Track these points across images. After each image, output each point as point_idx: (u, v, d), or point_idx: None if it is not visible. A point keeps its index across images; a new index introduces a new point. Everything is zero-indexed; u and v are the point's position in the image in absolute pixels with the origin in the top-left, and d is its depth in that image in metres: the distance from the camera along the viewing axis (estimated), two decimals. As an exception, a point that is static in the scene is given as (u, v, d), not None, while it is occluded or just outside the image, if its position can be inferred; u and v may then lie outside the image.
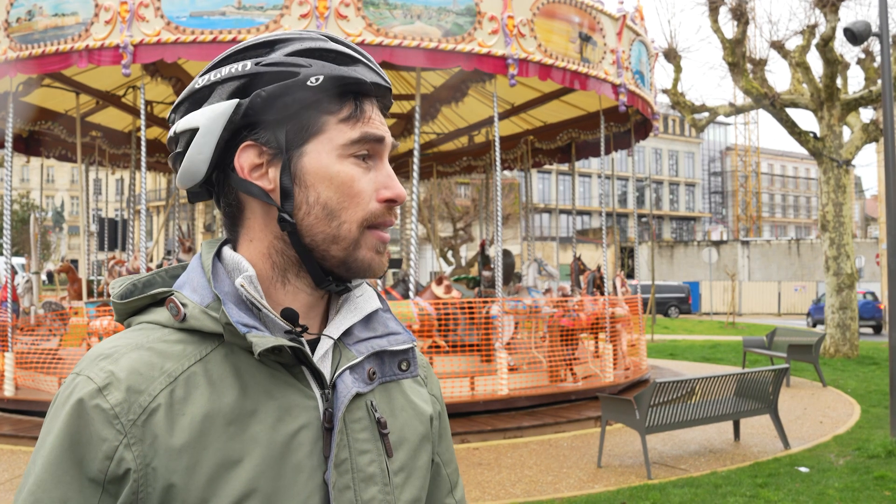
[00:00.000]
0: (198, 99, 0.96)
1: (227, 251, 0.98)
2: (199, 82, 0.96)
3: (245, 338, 0.88)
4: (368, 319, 1.01)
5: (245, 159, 0.94)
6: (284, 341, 0.89)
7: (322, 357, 0.96)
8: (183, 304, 0.91)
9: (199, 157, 0.95)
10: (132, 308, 0.96)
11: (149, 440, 0.84)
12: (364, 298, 1.02)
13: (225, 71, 0.94)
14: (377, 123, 0.98)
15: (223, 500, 0.85)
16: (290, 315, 0.93)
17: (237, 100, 0.93)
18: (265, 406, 0.89)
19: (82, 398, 0.85)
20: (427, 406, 1.07)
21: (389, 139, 0.99)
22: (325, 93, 0.93)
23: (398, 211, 1.05)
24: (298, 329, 0.94)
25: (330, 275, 0.96)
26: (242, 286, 0.92)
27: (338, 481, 0.90)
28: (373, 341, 0.99)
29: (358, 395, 0.95)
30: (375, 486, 0.93)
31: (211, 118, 0.93)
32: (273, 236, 0.96)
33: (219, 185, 0.98)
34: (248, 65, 0.94)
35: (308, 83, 0.92)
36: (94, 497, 0.83)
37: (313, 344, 0.97)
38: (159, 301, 0.95)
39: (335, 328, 0.98)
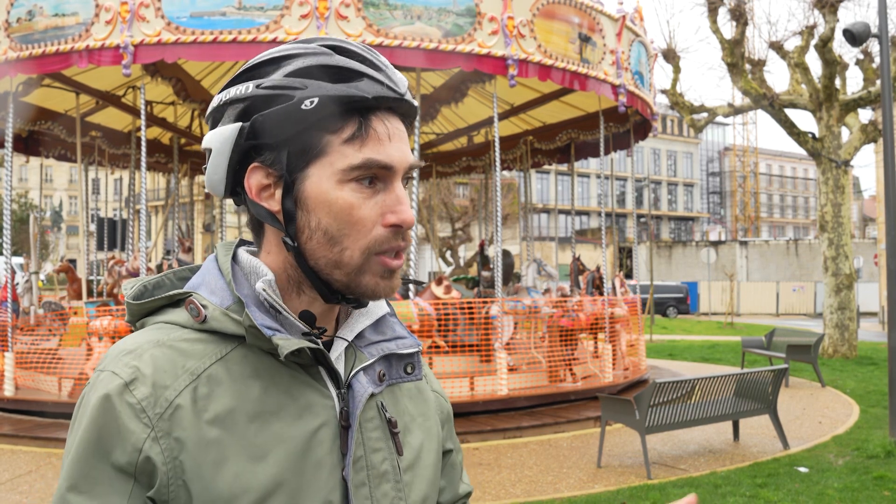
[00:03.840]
0: (216, 117, 0.98)
1: (243, 254, 1.00)
2: (215, 101, 0.98)
3: (270, 340, 0.90)
4: (377, 323, 1.04)
5: (254, 181, 0.95)
6: (307, 343, 0.91)
7: (337, 358, 0.99)
8: (203, 306, 0.93)
9: (214, 176, 0.97)
10: (147, 309, 0.98)
11: (175, 434, 0.86)
12: (374, 303, 1.04)
13: (232, 92, 0.95)
14: (386, 145, 0.94)
15: (251, 494, 0.87)
16: (308, 317, 0.96)
17: (240, 123, 0.93)
18: (286, 405, 0.92)
19: (109, 393, 0.87)
20: (431, 406, 1.11)
21: (404, 161, 0.95)
22: (323, 114, 0.92)
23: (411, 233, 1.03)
24: (317, 331, 0.96)
25: (338, 294, 0.97)
26: (264, 290, 0.93)
27: (354, 478, 0.93)
28: (382, 344, 1.02)
29: (371, 396, 0.98)
30: (388, 483, 0.96)
31: (221, 140, 0.95)
32: (286, 254, 0.97)
33: (242, 199, 0.99)
34: (249, 87, 0.94)
35: (303, 107, 0.91)
36: (127, 486, 0.85)
37: (327, 346, 0.99)
38: (175, 302, 0.97)
39: (349, 331, 1.01)
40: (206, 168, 0.99)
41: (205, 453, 0.86)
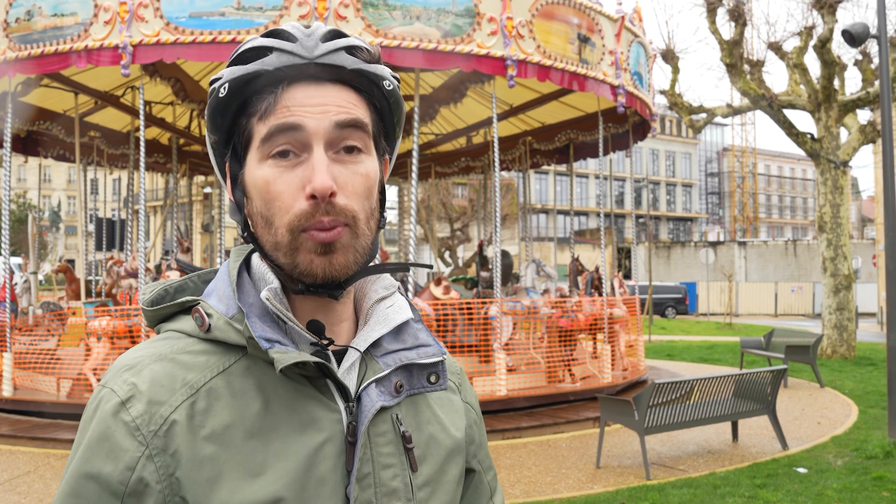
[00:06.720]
0: None
1: (255, 260, 0.97)
2: None
3: (267, 353, 0.87)
4: (399, 331, 0.99)
5: (229, 179, 0.98)
6: (307, 357, 0.87)
7: (348, 369, 0.94)
8: (208, 315, 0.91)
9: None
10: (161, 315, 0.96)
11: (171, 450, 0.84)
12: (394, 309, 1.00)
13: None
14: (295, 109, 0.89)
15: None
16: (316, 327, 0.92)
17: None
18: (288, 420, 0.88)
19: (106, 410, 0.86)
20: (459, 417, 1.04)
21: (317, 123, 0.89)
22: (239, 98, 0.91)
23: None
24: (324, 342, 0.92)
25: (295, 280, 0.92)
26: (268, 299, 0.90)
27: (360, 496, 0.89)
28: (401, 353, 0.97)
29: (383, 409, 0.93)
30: (398, 501, 0.92)
31: (208, 144, 0.99)
32: None
33: None
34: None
35: (220, 95, 0.91)
36: None
37: (340, 355, 0.95)
38: (187, 309, 0.95)
39: (362, 340, 0.96)
40: None
41: (199, 470, 0.84)
